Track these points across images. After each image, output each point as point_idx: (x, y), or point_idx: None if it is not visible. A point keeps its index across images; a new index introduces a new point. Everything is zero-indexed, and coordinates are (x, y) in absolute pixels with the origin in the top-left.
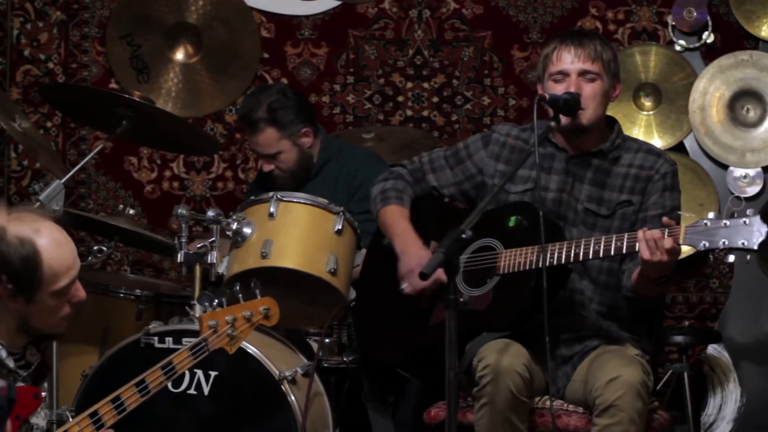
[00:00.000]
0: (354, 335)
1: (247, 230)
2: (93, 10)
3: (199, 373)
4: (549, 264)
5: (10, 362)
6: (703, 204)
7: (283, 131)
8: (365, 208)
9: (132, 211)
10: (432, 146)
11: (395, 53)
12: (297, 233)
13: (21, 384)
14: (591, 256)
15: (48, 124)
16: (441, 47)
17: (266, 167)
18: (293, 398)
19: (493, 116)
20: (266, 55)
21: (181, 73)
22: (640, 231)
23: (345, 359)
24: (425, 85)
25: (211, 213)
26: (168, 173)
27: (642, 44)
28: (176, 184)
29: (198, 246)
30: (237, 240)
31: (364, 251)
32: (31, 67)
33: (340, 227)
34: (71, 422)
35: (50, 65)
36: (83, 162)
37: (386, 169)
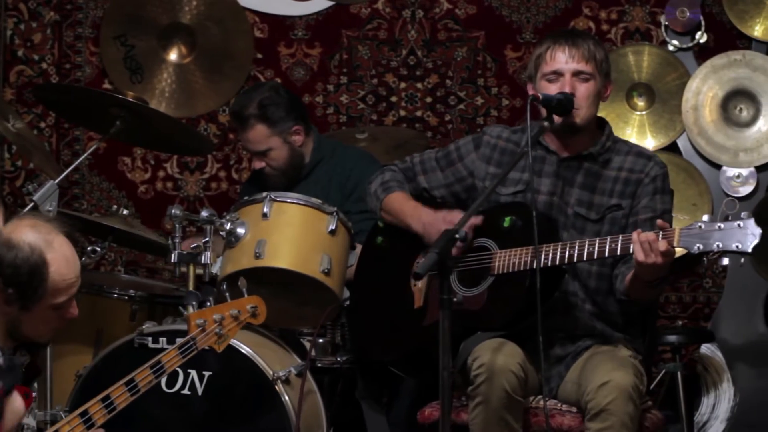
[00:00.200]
0: (348, 335)
1: (241, 230)
2: (86, 11)
3: (193, 374)
4: (543, 265)
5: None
6: (696, 204)
7: (274, 128)
8: (361, 208)
9: (126, 212)
10: (425, 146)
11: (388, 53)
12: (290, 233)
13: None
14: (585, 258)
15: (42, 125)
16: (434, 47)
17: (257, 165)
18: (287, 398)
19: (487, 116)
20: (260, 56)
21: (175, 74)
22: (635, 233)
23: (338, 359)
24: (418, 86)
25: (205, 213)
26: (161, 173)
27: (635, 44)
28: (170, 185)
29: (192, 246)
30: (230, 240)
31: (358, 251)
32: (25, 68)
33: (334, 227)
34: (62, 421)
35: (44, 65)
36: (77, 162)
37: (379, 169)
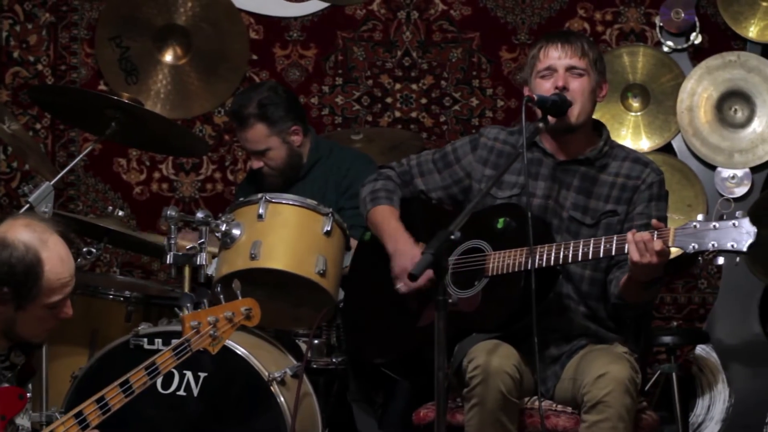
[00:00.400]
0: (343, 336)
1: (236, 231)
2: (82, 12)
3: (189, 375)
4: (538, 266)
5: None
6: (691, 205)
7: (273, 128)
8: (355, 204)
9: (121, 213)
10: (421, 147)
11: (383, 55)
12: (286, 234)
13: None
14: (580, 258)
15: (37, 126)
16: (429, 48)
17: (255, 164)
18: (282, 399)
19: (482, 117)
20: (255, 57)
21: (170, 75)
22: (630, 233)
23: (334, 360)
24: (414, 87)
25: (200, 214)
26: (157, 175)
27: (630, 45)
28: (165, 186)
29: (188, 247)
30: (226, 241)
31: (354, 244)
32: (20, 69)
33: (329, 228)
34: (57, 422)
35: (39, 67)
36: (72, 164)
37: (376, 170)
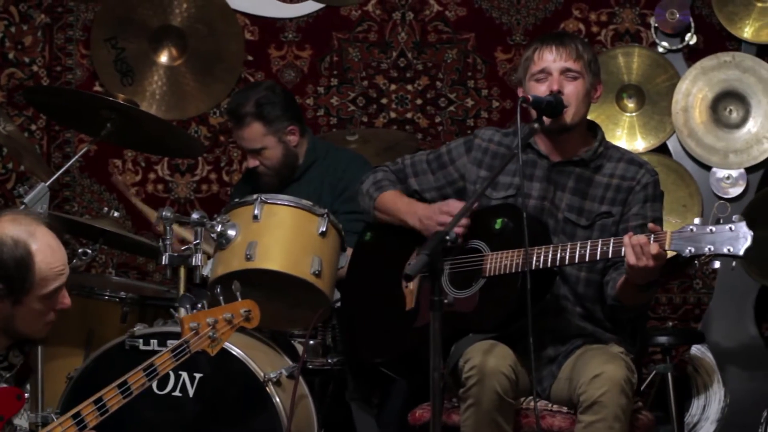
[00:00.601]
0: (339, 336)
1: (232, 232)
2: (77, 14)
3: (184, 375)
4: (535, 267)
5: None
6: (687, 205)
7: (269, 127)
8: (351, 209)
9: (116, 214)
10: (416, 148)
11: (379, 55)
12: (281, 235)
13: (4, 385)
14: (577, 260)
15: (32, 127)
16: (424, 49)
17: (251, 163)
18: (278, 400)
19: (477, 118)
20: (250, 58)
21: (166, 76)
22: (626, 236)
23: (330, 361)
24: (409, 87)
25: (196, 215)
26: (152, 176)
27: (625, 46)
28: (160, 187)
29: (183, 248)
30: (221, 242)
31: (349, 253)
32: (16, 70)
33: (324, 229)
34: (54, 423)
35: (35, 68)
36: (68, 165)
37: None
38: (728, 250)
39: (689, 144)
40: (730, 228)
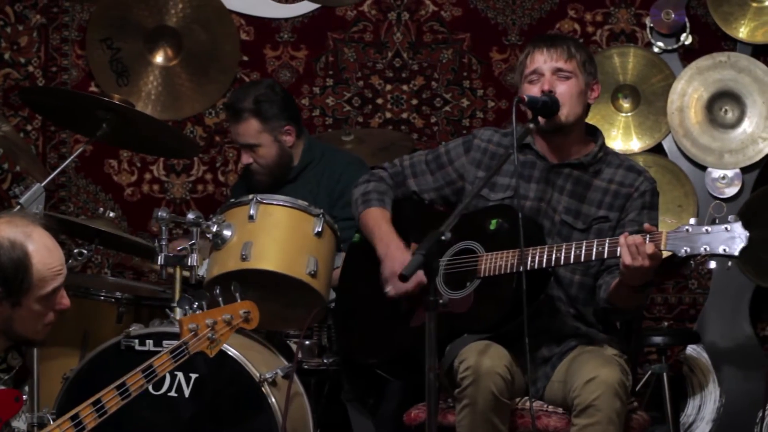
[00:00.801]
0: (334, 337)
1: (227, 233)
2: (73, 14)
3: (180, 376)
4: (530, 267)
5: None
6: (682, 205)
7: (265, 124)
8: (348, 215)
9: (112, 214)
10: (411, 148)
11: (374, 56)
12: (277, 235)
13: (2, 387)
14: (572, 260)
15: (28, 128)
16: (420, 49)
17: (244, 159)
18: (273, 400)
19: (472, 118)
20: (245, 58)
21: (161, 76)
22: (622, 236)
23: (325, 361)
24: (404, 88)
25: (191, 216)
26: (148, 176)
27: (620, 46)
28: (156, 187)
29: (178, 248)
30: (217, 242)
31: (344, 253)
32: (11, 71)
33: (320, 229)
34: (52, 425)
35: (30, 68)
36: (63, 165)
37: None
38: (724, 251)
39: (685, 144)
40: (726, 228)
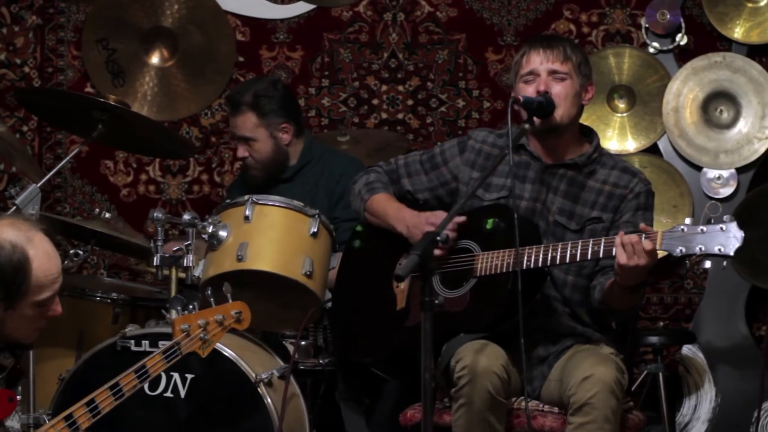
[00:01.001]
0: (330, 337)
1: (223, 233)
2: (68, 15)
3: (176, 376)
4: (526, 267)
5: None
6: (677, 206)
7: (262, 119)
8: (350, 216)
9: (108, 215)
10: (407, 149)
11: (370, 56)
12: (272, 236)
13: None
14: (568, 260)
15: (24, 128)
16: (415, 50)
17: (240, 152)
18: (269, 401)
19: (468, 119)
20: (241, 59)
21: (157, 77)
22: (618, 236)
23: (321, 361)
24: (400, 88)
25: (187, 216)
26: (144, 177)
27: (616, 46)
28: (152, 188)
29: (174, 249)
30: (213, 243)
31: (340, 254)
32: (7, 72)
33: (316, 230)
34: (47, 425)
35: (26, 69)
36: (59, 166)
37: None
38: (719, 250)
39: (680, 144)
40: (721, 228)
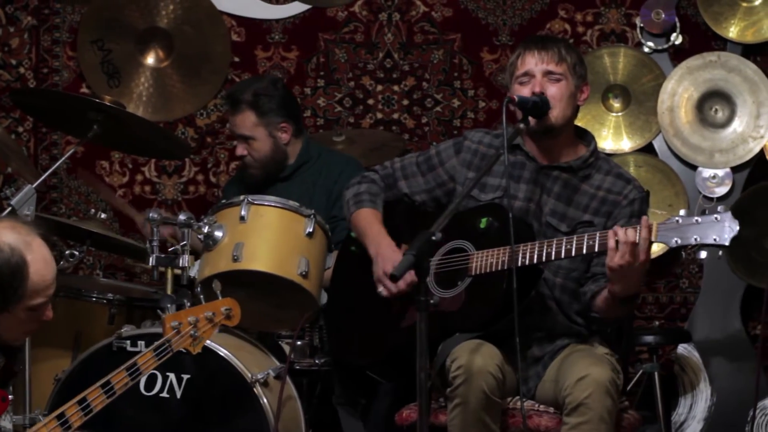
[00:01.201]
0: (326, 338)
1: (219, 234)
2: (64, 15)
3: (172, 377)
4: (521, 264)
5: None
6: (673, 204)
7: (261, 118)
8: None
9: (103, 215)
10: (402, 148)
11: (365, 56)
12: (268, 236)
13: None
14: (563, 255)
15: (19, 129)
16: (411, 50)
17: (238, 150)
18: (265, 401)
19: (463, 118)
20: (237, 59)
21: (152, 78)
22: (611, 231)
23: (317, 361)
24: (395, 88)
25: (183, 216)
26: (139, 177)
27: (610, 46)
28: (148, 188)
29: (170, 249)
30: (208, 243)
31: (335, 254)
32: (2, 72)
33: (311, 230)
34: (39, 424)
35: (21, 70)
36: (55, 166)
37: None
38: (714, 240)
39: (675, 143)
40: (716, 218)
